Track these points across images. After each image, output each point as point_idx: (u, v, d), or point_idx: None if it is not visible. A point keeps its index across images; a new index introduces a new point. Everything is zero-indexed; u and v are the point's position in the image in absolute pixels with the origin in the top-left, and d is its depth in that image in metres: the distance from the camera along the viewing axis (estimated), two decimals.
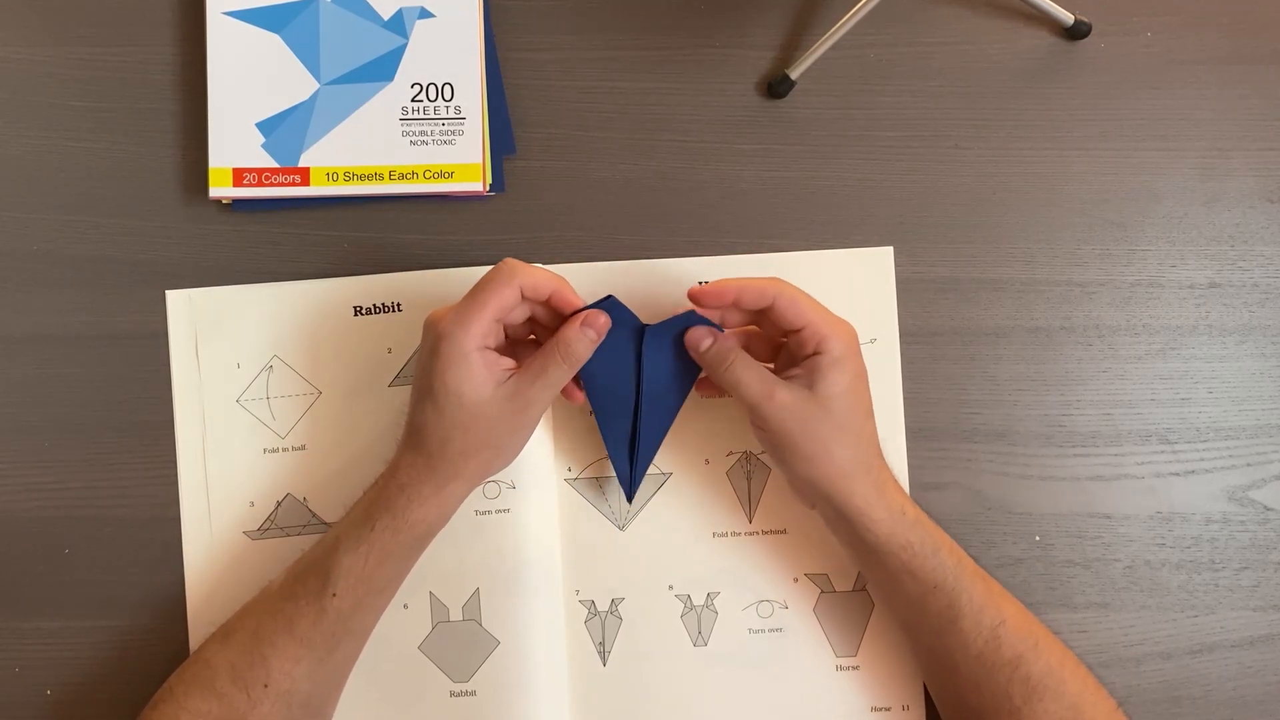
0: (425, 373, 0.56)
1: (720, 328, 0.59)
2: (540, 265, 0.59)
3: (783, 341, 0.60)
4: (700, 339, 0.58)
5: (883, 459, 0.59)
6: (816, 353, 0.56)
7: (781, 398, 0.56)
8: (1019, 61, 0.67)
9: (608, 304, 0.58)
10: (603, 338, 0.57)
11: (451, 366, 0.55)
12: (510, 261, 0.57)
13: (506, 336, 0.60)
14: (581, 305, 0.58)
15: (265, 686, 0.56)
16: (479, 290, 0.56)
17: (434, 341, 0.56)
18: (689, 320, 0.59)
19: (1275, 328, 0.66)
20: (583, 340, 0.57)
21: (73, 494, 0.65)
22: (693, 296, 0.58)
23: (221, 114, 0.65)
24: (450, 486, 0.57)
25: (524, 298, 0.57)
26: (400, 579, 0.59)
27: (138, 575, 0.65)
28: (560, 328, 0.57)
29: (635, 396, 0.60)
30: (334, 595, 0.56)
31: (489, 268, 0.64)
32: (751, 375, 0.57)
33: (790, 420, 0.56)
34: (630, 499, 0.63)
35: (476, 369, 0.55)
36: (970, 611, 0.56)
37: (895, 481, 0.59)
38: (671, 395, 0.61)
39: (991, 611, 0.56)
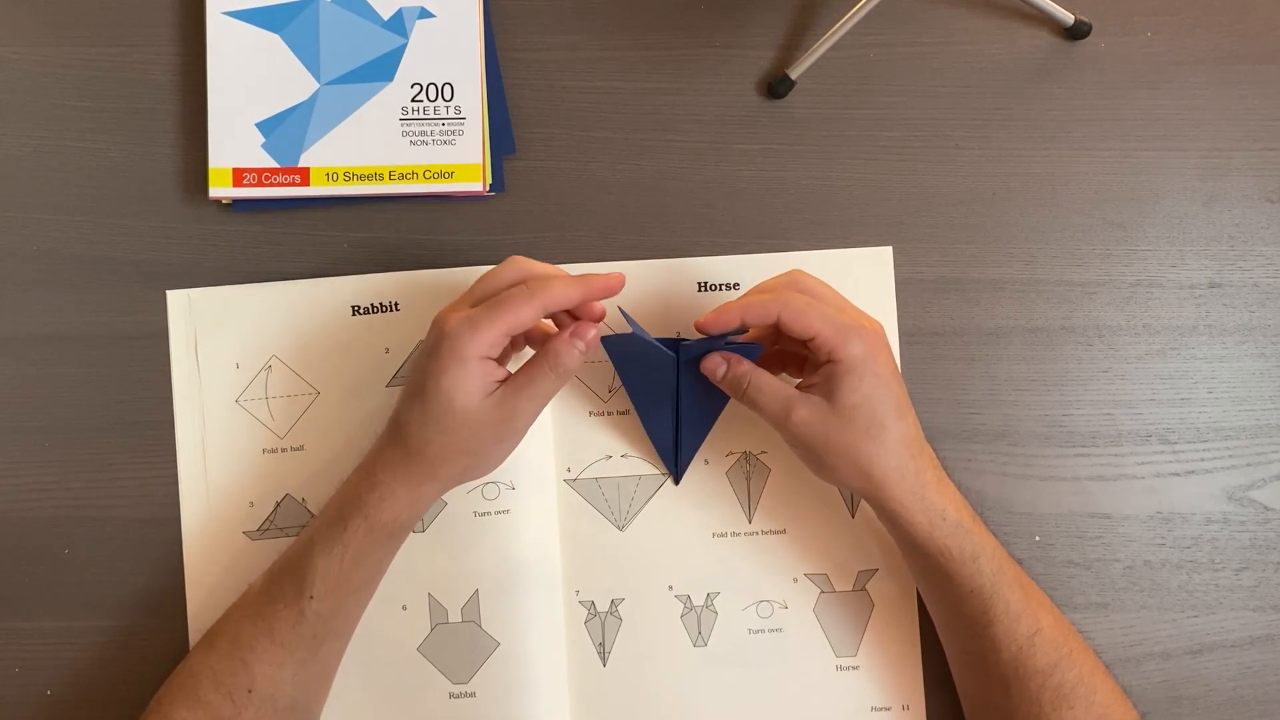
0: (420, 370, 0.56)
1: (752, 345, 0.58)
2: (560, 270, 0.57)
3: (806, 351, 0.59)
4: (715, 367, 0.58)
5: (924, 456, 0.57)
6: (829, 360, 0.55)
7: (799, 414, 0.56)
8: (1019, 61, 0.67)
9: (713, 343, 0.58)
10: (592, 350, 0.56)
11: (448, 369, 0.54)
12: (536, 280, 0.55)
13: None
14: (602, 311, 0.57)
15: (249, 692, 0.56)
16: (498, 304, 0.54)
17: (436, 340, 0.55)
18: (716, 344, 0.58)
19: (1275, 328, 0.66)
20: (571, 352, 0.55)
21: (73, 494, 0.65)
22: (699, 327, 0.57)
23: (221, 114, 0.65)
24: (425, 487, 0.56)
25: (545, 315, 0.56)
26: (378, 576, 0.59)
27: (138, 575, 0.65)
28: (550, 339, 0.56)
29: (675, 407, 0.62)
30: (311, 598, 0.56)
31: (489, 268, 0.65)
32: (768, 396, 0.57)
33: (812, 435, 0.56)
34: (677, 482, 0.65)
35: (472, 376, 0.54)
36: (1006, 619, 0.56)
37: (939, 480, 0.57)
38: (710, 404, 0.63)
39: (1028, 620, 0.56)
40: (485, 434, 0.56)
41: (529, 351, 0.61)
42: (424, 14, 0.66)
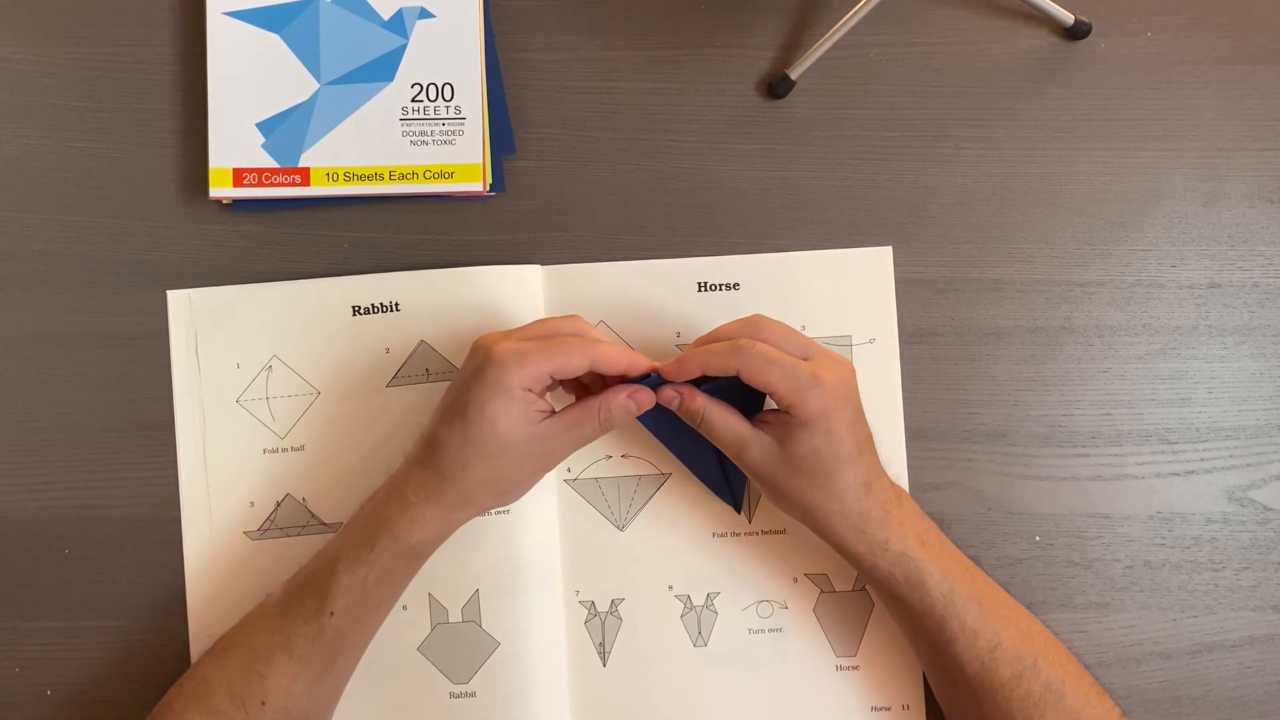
0: (463, 394, 0.56)
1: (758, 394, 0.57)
2: (621, 344, 0.60)
3: None
4: (670, 399, 0.58)
5: (871, 495, 0.56)
6: (786, 411, 0.55)
7: (751, 453, 0.57)
8: (1019, 61, 0.67)
9: (650, 381, 0.57)
10: (642, 411, 0.57)
11: (493, 397, 0.54)
12: (592, 336, 0.57)
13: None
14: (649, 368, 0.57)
15: (263, 704, 0.56)
16: (552, 345, 0.55)
17: (482, 366, 0.55)
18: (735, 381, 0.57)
19: (1275, 328, 0.66)
20: (624, 411, 0.57)
21: (73, 494, 0.65)
22: (664, 374, 0.58)
23: (221, 114, 0.65)
24: (457, 512, 0.57)
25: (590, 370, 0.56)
26: (398, 594, 0.59)
27: (138, 575, 0.65)
28: (607, 391, 0.57)
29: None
30: (332, 615, 0.56)
31: (488, 268, 0.65)
32: (722, 430, 0.57)
33: (760, 473, 0.57)
34: (739, 510, 0.64)
35: (516, 406, 0.55)
36: (963, 637, 0.56)
37: (884, 514, 0.57)
38: None
39: (986, 636, 0.56)
40: (524, 464, 0.57)
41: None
42: (424, 14, 0.66)
